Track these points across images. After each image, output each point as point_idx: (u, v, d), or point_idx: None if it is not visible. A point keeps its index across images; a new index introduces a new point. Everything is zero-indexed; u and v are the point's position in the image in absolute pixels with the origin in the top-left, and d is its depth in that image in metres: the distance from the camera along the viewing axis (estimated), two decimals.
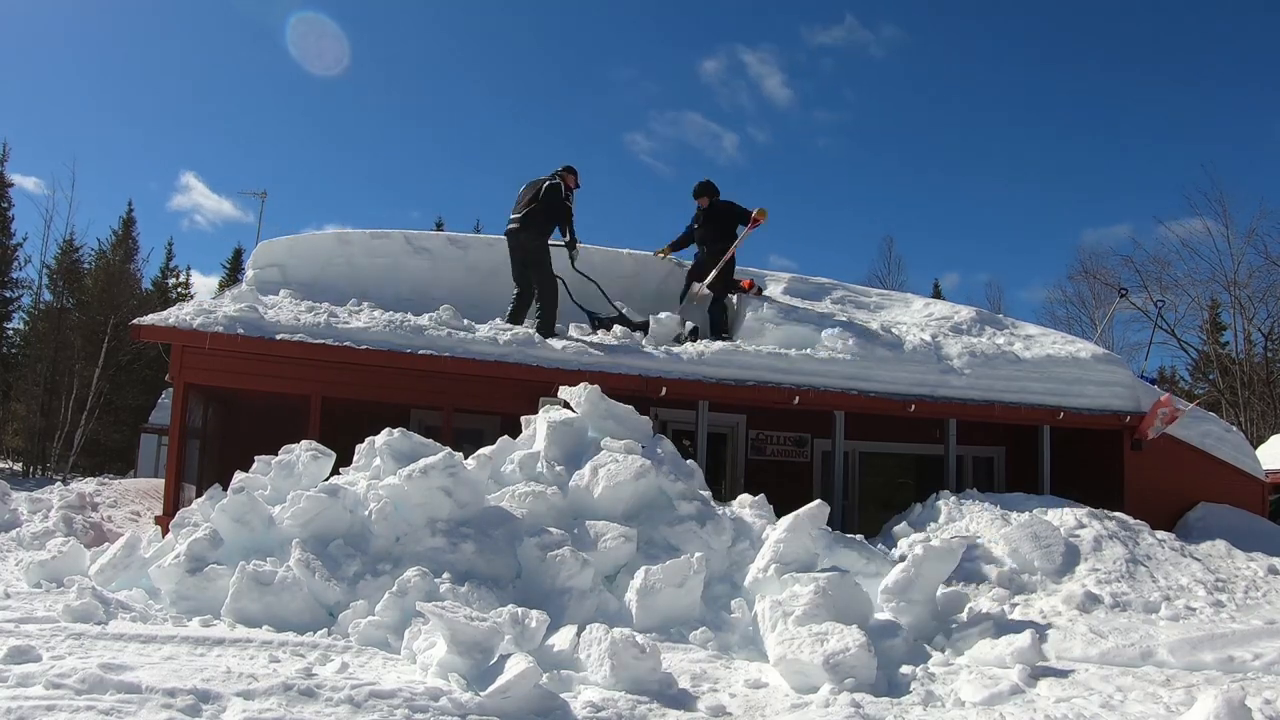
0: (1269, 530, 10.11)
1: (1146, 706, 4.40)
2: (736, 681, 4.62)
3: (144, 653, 4.26)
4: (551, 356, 8.47)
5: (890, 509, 9.39)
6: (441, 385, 8.39)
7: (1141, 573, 7.04)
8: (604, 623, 4.81)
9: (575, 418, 6.92)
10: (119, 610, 5.02)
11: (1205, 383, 31.51)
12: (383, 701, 3.74)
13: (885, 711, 4.20)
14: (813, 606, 5.02)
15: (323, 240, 10.70)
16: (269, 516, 5.82)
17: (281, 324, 8.16)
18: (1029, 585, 6.87)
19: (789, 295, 10.75)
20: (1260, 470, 11.64)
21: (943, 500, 8.38)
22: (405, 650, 4.61)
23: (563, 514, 6.14)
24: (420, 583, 5.13)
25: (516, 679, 3.82)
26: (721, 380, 8.93)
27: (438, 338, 8.37)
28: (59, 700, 3.41)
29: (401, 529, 5.75)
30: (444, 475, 5.79)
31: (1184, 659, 5.31)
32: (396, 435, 6.41)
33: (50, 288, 29.02)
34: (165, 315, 8.27)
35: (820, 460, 10.68)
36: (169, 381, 8.45)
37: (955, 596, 6.13)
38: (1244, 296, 29.14)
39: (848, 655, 4.52)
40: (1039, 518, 7.65)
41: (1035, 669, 4.89)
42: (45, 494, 9.80)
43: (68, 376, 25.54)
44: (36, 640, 4.22)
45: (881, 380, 9.47)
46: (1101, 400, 10.31)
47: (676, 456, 7.03)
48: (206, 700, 3.57)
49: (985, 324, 10.99)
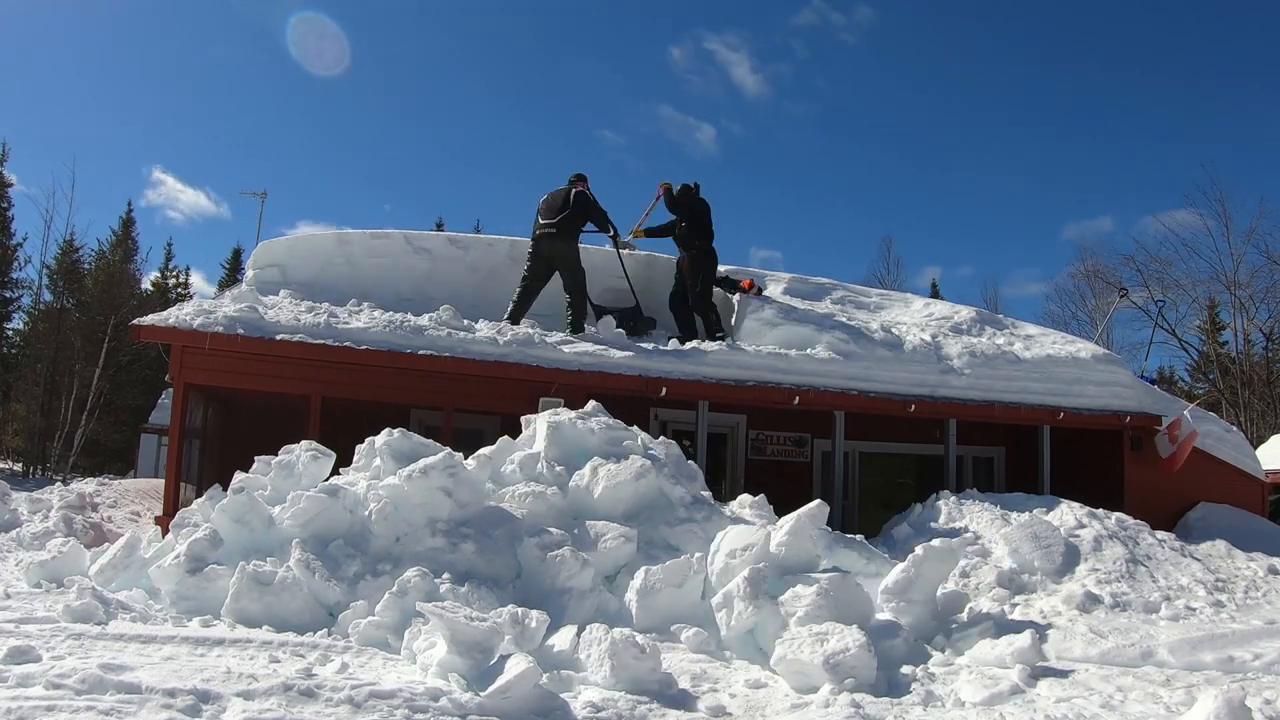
0: (1269, 530, 10.12)
1: (1146, 706, 4.40)
2: (736, 681, 4.62)
3: (144, 653, 4.26)
4: (551, 356, 8.47)
5: (890, 509, 9.39)
6: (441, 385, 8.39)
7: (1141, 573, 7.04)
8: (604, 623, 4.82)
9: (574, 417, 6.93)
10: (119, 610, 5.02)
11: (1205, 383, 31.51)
12: (383, 702, 3.75)
13: (885, 711, 4.20)
14: (815, 608, 5.03)
15: (323, 240, 10.70)
16: (269, 516, 5.82)
17: (281, 324, 8.16)
18: (1029, 585, 6.87)
19: (789, 295, 10.75)
20: (1260, 470, 11.65)
21: (943, 500, 8.38)
22: (405, 650, 4.61)
23: (563, 514, 6.14)
24: (420, 583, 5.13)
25: (516, 679, 3.82)
26: (721, 380, 8.93)
27: (438, 338, 8.37)
28: (59, 700, 3.41)
29: (401, 529, 5.75)
30: (444, 475, 5.79)
31: (1184, 659, 5.31)
32: (396, 435, 6.41)
33: (50, 288, 29.06)
34: (165, 315, 8.27)
35: (820, 460, 10.68)
36: (169, 381, 8.45)
37: (955, 596, 6.13)
38: (1244, 296, 29.16)
39: (848, 655, 4.52)
40: (1039, 518, 7.65)
41: (1035, 669, 4.89)
42: (45, 494, 9.79)
43: (68, 377, 25.54)
44: (36, 640, 4.22)
45: (881, 380, 9.48)
46: (1101, 400, 10.31)
47: (680, 458, 7.05)
48: (206, 700, 3.57)
49: (985, 324, 11.00)
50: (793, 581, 5.38)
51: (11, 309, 29.81)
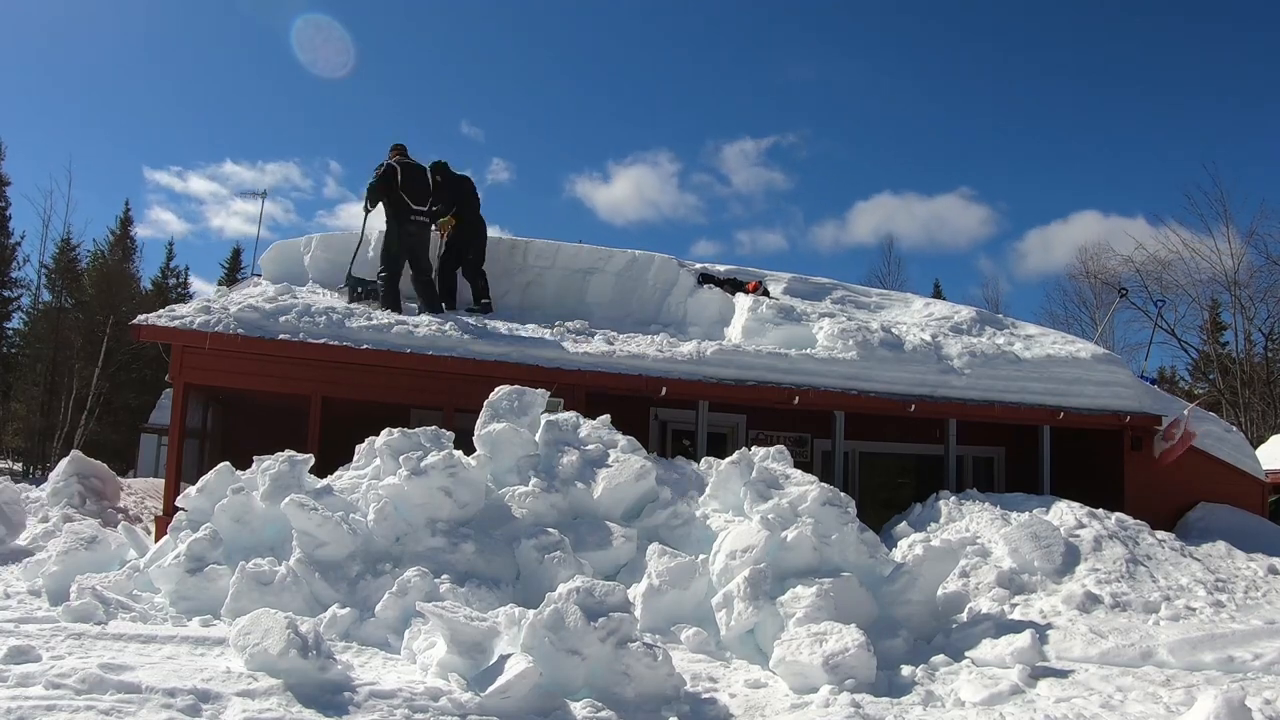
0: (1269, 530, 10.11)
1: (1146, 706, 4.40)
2: (736, 681, 4.63)
3: (144, 653, 4.27)
4: (552, 356, 8.47)
5: (890, 509, 9.39)
6: (441, 385, 8.39)
7: (1141, 573, 7.04)
8: None
9: (570, 418, 6.93)
10: (119, 610, 5.02)
11: (1205, 383, 31.50)
12: (383, 701, 3.75)
13: (885, 711, 4.20)
14: (814, 609, 5.03)
15: (331, 240, 10.67)
16: (268, 515, 5.82)
17: (282, 324, 8.16)
18: (1029, 585, 6.87)
19: (789, 295, 10.75)
20: (1260, 470, 11.64)
21: (943, 500, 8.38)
22: (405, 650, 4.61)
23: (563, 514, 6.15)
24: (420, 583, 5.13)
25: (516, 679, 3.82)
26: (721, 380, 8.93)
27: (438, 338, 8.37)
28: (59, 700, 3.41)
29: (401, 529, 5.75)
30: (444, 475, 5.79)
31: (1184, 659, 5.31)
32: (396, 435, 6.41)
33: (49, 287, 29.07)
34: (165, 315, 8.26)
35: (820, 460, 10.67)
36: (169, 381, 8.44)
37: (955, 596, 6.14)
38: (1244, 296, 29.15)
39: (847, 656, 4.52)
40: (1039, 518, 7.65)
41: (1035, 669, 4.89)
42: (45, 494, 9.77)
43: (67, 376, 25.55)
44: (36, 640, 4.23)
45: (881, 380, 9.47)
46: (1101, 400, 10.31)
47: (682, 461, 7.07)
48: (206, 700, 3.57)
49: (985, 324, 11.00)
50: (793, 582, 5.38)
51: (11, 309, 29.84)
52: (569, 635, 4.13)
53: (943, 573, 5.91)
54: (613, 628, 4.19)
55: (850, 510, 6.07)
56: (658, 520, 6.24)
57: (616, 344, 8.98)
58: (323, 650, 3.94)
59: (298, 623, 4.00)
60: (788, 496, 6.08)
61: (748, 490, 6.16)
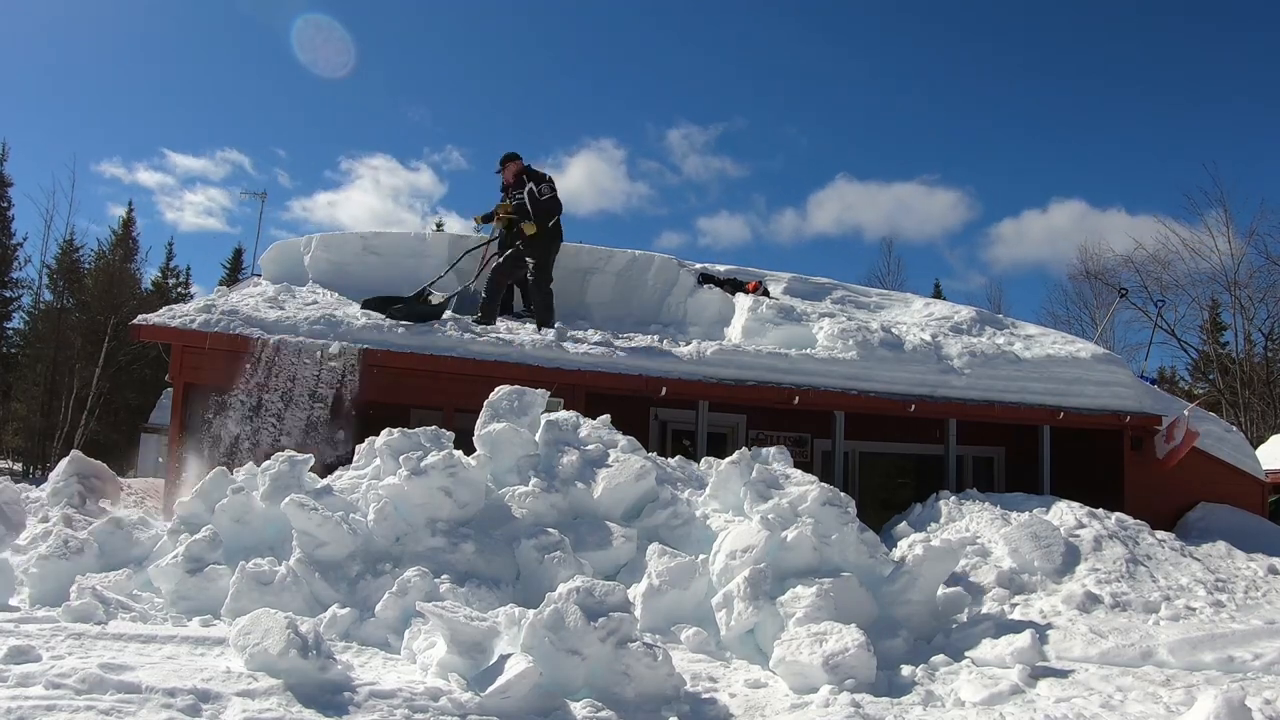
0: (1269, 530, 10.12)
1: (1146, 706, 4.40)
2: (736, 681, 4.62)
3: (144, 653, 4.26)
4: (552, 356, 8.47)
5: (890, 509, 9.39)
6: (441, 385, 8.39)
7: (1141, 573, 7.04)
8: None
9: (571, 417, 6.93)
10: (119, 610, 5.02)
11: (1205, 383, 31.50)
12: (383, 701, 3.75)
13: (885, 711, 4.20)
14: (814, 609, 5.03)
15: (331, 240, 10.67)
16: (268, 515, 5.81)
17: (282, 324, 8.15)
18: (1029, 585, 6.87)
19: (789, 295, 10.75)
20: (1260, 470, 11.65)
21: (943, 500, 8.38)
22: (405, 650, 4.61)
23: (563, 514, 6.14)
24: (420, 583, 5.13)
25: (516, 679, 3.82)
26: (721, 380, 8.93)
27: (438, 338, 8.37)
28: (59, 700, 3.41)
29: (401, 529, 5.75)
30: (444, 475, 5.79)
31: (1184, 659, 5.31)
32: (396, 435, 6.41)
33: (50, 287, 29.08)
34: (165, 314, 8.25)
35: (820, 460, 10.67)
36: (169, 381, 8.44)
37: (955, 596, 6.13)
38: (1244, 296, 29.17)
39: (847, 655, 4.52)
40: (1039, 518, 7.65)
41: (1035, 669, 4.89)
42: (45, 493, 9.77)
43: (68, 376, 25.56)
44: (36, 640, 4.22)
45: (881, 380, 9.48)
46: (1101, 400, 10.31)
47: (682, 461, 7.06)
48: (206, 700, 3.57)
49: (985, 324, 11.01)
50: (793, 582, 5.38)
51: (12, 309, 29.84)
52: (569, 635, 4.13)
53: (943, 572, 5.91)
54: (613, 628, 4.19)
55: (850, 510, 6.07)
56: (658, 520, 6.23)
57: (616, 344, 8.98)
58: (323, 650, 3.94)
59: (298, 623, 4.00)
60: (788, 496, 6.09)
61: (748, 490, 6.16)
